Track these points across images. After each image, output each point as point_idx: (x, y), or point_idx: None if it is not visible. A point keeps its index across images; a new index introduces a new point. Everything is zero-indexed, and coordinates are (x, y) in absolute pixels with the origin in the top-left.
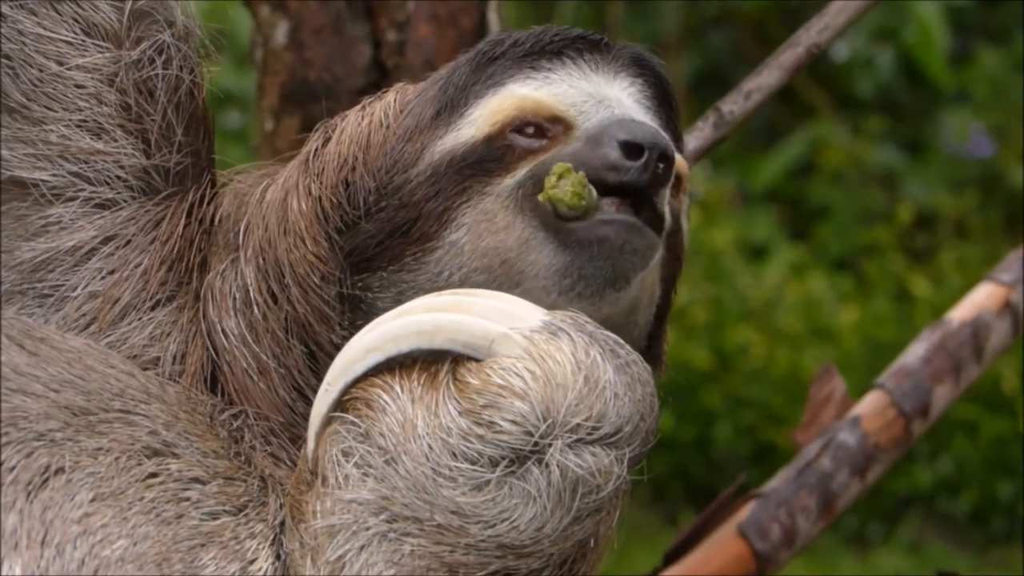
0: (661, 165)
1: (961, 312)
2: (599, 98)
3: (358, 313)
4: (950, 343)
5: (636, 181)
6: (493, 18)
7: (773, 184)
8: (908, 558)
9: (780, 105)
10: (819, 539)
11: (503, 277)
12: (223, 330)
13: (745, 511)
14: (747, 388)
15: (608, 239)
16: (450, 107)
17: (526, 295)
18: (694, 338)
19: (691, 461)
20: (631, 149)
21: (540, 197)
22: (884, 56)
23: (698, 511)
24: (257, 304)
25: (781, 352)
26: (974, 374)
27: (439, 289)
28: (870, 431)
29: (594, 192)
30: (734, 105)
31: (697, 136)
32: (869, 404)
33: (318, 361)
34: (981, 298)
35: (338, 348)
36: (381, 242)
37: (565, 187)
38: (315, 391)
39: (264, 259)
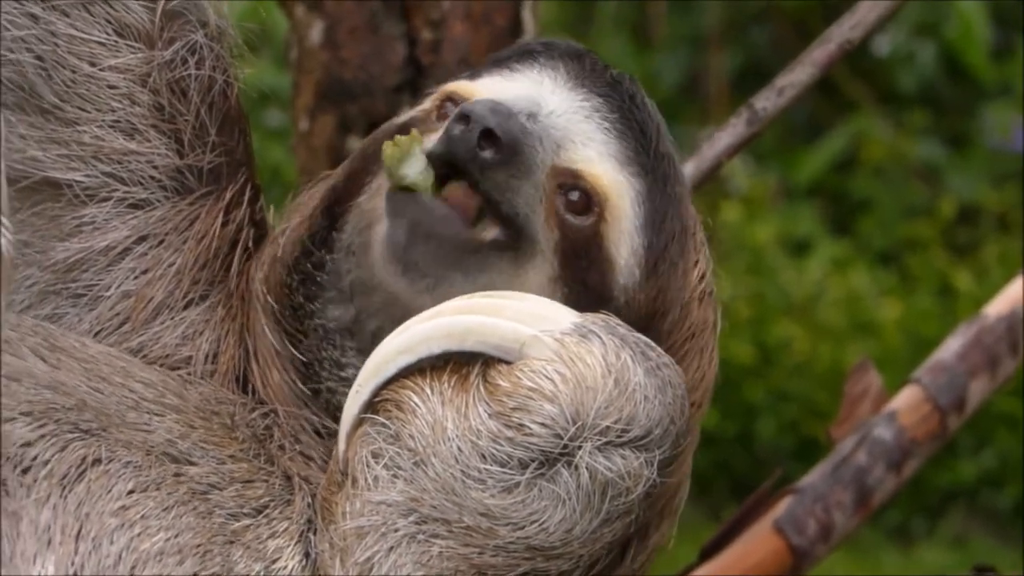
0: (490, 150)
1: (997, 306)
2: (516, 92)
3: (308, 288)
4: (986, 337)
5: (452, 151)
6: (528, 16)
7: (815, 179)
8: (952, 552)
9: (822, 100)
10: (862, 533)
11: (365, 243)
12: (257, 305)
13: (781, 506)
14: (789, 383)
15: (402, 215)
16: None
17: (374, 264)
18: (737, 333)
19: (734, 456)
20: (462, 119)
21: None
22: (926, 51)
23: (741, 506)
24: (271, 277)
25: (824, 347)
26: (1010, 368)
27: (358, 251)
28: (906, 426)
29: (420, 164)
30: (767, 101)
31: (731, 133)
32: (905, 399)
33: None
34: (1017, 292)
35: (284, 322)
36: (340, 198)
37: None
38: (300, 369)
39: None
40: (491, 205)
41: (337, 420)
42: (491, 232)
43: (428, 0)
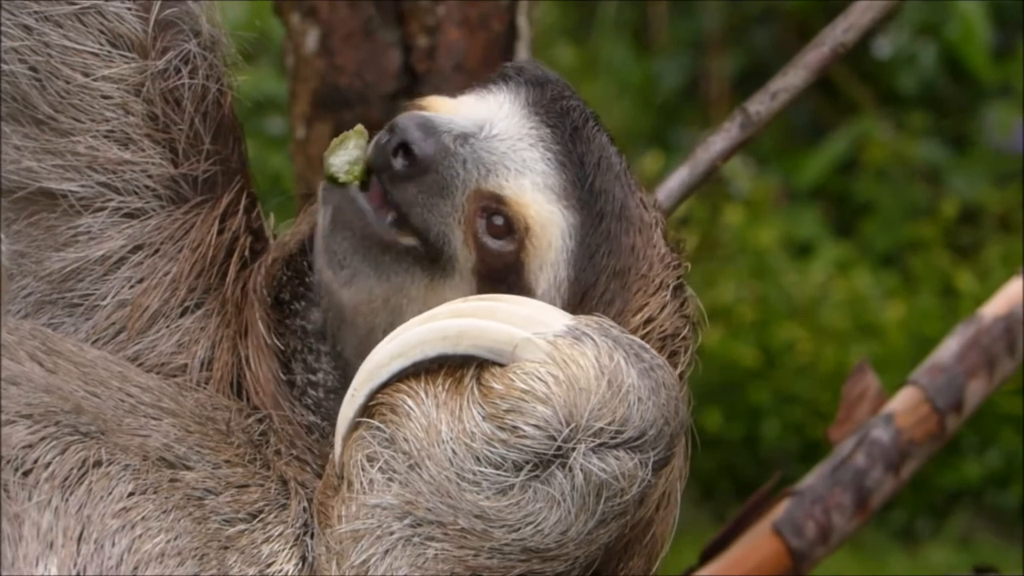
0: (403, 163)
1: (994, 307)
2: (468, 113)
3: (295, 286)
4: (983, 338)
5: (373, 157)
6: (523, 22)
7: (818, 181)
8: (958, 552)
9: (823, 102)
10: (867, 534)
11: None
12: (254, 298)
13: (780, 509)
14: (794, 385)
15: (327, 204)
16: None
17: (321, 253)
18: (740, 336)
19: (739, 458)
20: (390, 129)
21: None
22: (927, 52)
23: (740, 508)
24: (270, 271)
25: (827, 349)
26: (1008, 369)
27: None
28: (904, 427)
29: (348, 156)
30: (760, 105)
31: (724, 137)
32: (902, 400)
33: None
34: (1015, 292)
35: (271, 315)
36: None
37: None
38: (283, 362)
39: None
40: (400, 215)
41: (319, 417)
42: (409, 239)
43: (423, 5)
